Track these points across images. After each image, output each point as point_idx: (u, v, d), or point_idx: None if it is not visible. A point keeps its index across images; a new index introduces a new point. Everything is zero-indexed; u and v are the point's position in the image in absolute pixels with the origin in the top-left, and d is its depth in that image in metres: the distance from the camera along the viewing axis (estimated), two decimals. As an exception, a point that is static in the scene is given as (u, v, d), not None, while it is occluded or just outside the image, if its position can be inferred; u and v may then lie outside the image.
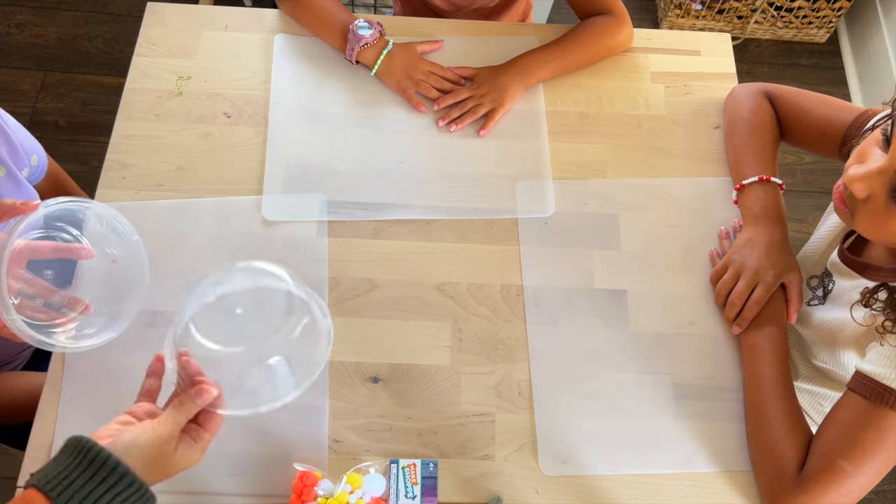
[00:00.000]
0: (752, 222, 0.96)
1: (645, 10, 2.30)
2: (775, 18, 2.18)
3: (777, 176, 0.98)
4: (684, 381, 0.92)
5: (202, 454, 0.67)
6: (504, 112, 1.08)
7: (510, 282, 0.97)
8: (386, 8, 2.04)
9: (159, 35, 1.12)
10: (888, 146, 0.70)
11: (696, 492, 0.86)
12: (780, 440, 0.83)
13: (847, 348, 0.87)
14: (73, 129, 1.97)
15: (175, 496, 0.83)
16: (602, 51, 1.13)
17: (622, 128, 1.10)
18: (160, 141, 1.04)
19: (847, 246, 0.89)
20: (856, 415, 0.78)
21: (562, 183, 1.04)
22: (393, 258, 0.98)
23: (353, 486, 0.81)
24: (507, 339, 0.94)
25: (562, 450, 0.87)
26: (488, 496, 0.85)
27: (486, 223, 1.01)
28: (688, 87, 1.14)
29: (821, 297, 0.94)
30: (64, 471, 0.59)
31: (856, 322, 0.84)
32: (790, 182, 2.04)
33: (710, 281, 0.98)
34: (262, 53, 1.12)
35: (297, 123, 1.06)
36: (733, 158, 1.03)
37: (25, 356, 1.11)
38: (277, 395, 0.71)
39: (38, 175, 1.05)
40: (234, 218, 0.99)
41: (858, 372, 0.80)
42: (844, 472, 0.76)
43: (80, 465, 0.59)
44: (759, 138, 1.01)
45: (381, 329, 0.93)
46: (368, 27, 1.08)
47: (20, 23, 2.11)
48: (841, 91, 2.19)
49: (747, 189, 0.98)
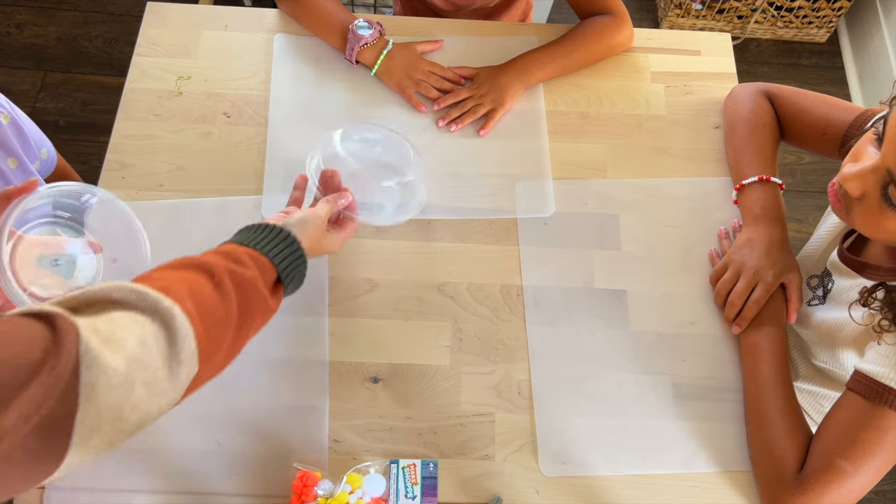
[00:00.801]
0: (751, 222, 0.96)
1: (645, 10, 2.30)
2: (775, 18, 2.18)
3: (777, 176, 0.98)
4: (684, 381, 0.92)
5: (339, 246, 0.85)
6: (504, 112, 1.08)
7: (510, 282, 0.97)
8: (386, 8, 2.04)
9: (159, 35, 1.12)
10: (882, 145, 0.70)
11: (696, 492, 0.86)
12: (780, 440, 0.83)
13: (846, 348, 0.87)
14: (73, 129, 1.97)
15: (175, 496, 0.83)
16: (602, 51, 1.13)
17: (622, 128, 1.10)
18: (160, 141, 1.04)
19: (847, 246, 0.89)
20: (855, 414, 0.78)
21: (562, 183, 1.04)
22: (393, 258, 0.98)
23: (353, 486, 0.81)
24: (507, 339, 0.94)
25: (562, 450, 0.87)
26: (488, 496, 0.85)
27: (486, 223, 1.01)
28: (688, 87, 1.14)
29: (821, 296, 0.94)
30: (251, 234, 0.73)
31: (854, 321, 0.84)
32: (790, 182, 2.04)
33: (710, 281, 0.98)
34: (262, 53, 1.12)
35: (297, 123, 1.06)
36: (733, 158, 1.03)
37: None
38: (392, 217, 0.94)
39: (48, 169, 1.06)
40: (234, 218, 0.99)
41: (857, 371, 0.80)
42: (844, 472, 0.76)
43: (262, 231, 0.73)
44: (759, 138, 1.01)
45: (381, 329, 0.93)
46: (368, 27, 1.08)
47: (20, 23, 2.11)
48: (841, 91, 2.19)
49: (747, 189, 0.98)
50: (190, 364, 0.57)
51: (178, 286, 0.59)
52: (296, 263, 0.74)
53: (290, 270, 0.73)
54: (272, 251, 0.71)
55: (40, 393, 0.46)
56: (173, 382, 0.56)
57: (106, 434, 0.51)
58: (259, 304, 0.67)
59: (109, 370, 0.50)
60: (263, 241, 0.72)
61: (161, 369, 0.54)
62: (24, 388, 0.45)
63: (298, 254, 0.74)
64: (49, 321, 0.49)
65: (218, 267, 0.64)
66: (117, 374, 0.50)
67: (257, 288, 0.67)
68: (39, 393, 0.46)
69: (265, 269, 0.69)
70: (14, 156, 0.93)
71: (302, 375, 0.90)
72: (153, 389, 0.53)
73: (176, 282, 0.59)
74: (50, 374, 0.47)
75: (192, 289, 0.60)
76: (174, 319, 0.56)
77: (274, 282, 0.71)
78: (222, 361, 0.64)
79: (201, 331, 0.58)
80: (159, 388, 0.54)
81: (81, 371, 0.48)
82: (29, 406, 0.45)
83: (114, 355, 0.51)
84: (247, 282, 0.66)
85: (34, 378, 0.46)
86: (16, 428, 0.45)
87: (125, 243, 0.83)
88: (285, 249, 0.73)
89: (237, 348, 0.66)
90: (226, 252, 0.68)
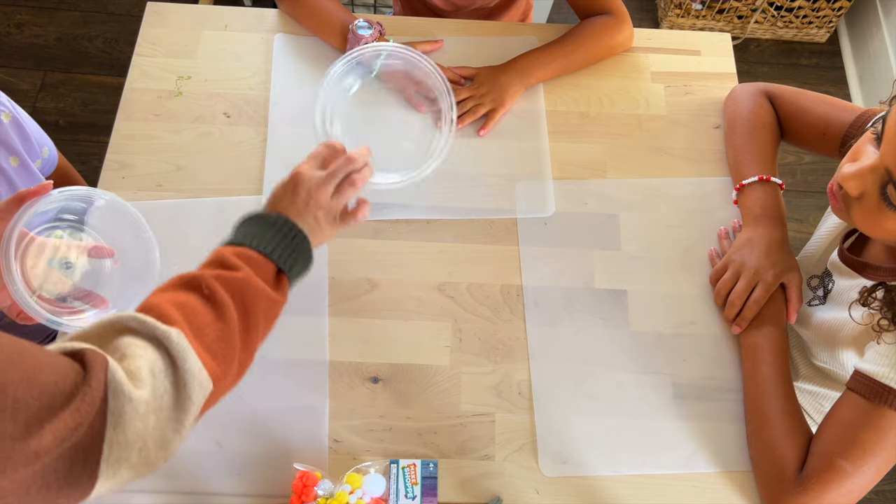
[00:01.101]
0: (751, 222, 0.96)
1: (645, 10, 2.30)
2: (775, 18, 2.18)
3: (777, 176, 0.98)
4: (684, 381, 0.92)
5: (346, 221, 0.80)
6: (504, 112, 1.08)
7: (510, 282, 0.97)
8: (386, 8, 2.04)
9: (159, 35, 1.12)
10: (881, 144, 0.71)
11: (696, 492, 0.86)
12: (780, 440, 0.83)
13: (846, 348, 0.87)
14: (73, 128, 1.97)
15: (175, 496, 0.83)
16: (602, 51, 1.13)
17: (622, 128, 1.10)
18: (160, 141, 1.04)
19: (847, 246, 0.89)
20: (855, 414, 0.78)
21: (562, 183, 1.04)
22: (393, 258, 0.98)
23: (353, 486, 0.81)
24: (507, 339, 0.94)
25: (562, 450, 0.87)
26: (488, 496, 0.85)
27: (486, 223, 1.01)
28: (688, 86, 1.14)
29: (821, 296, 0.94)
30: (240, 231, 0.72)
31: (854, 321, 0.84)
32: (790, 182, 2.04)
33: (710, 281, 0.98)
34: (262, 53, 1.12)
35: (297, 123, 1.06)
36: (733, 158, 1.03)
37: None
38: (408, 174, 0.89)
39: (50, 167, 1.06)
40: (234, 218, 0.98)
41: (857, 371, 0.80)
42: (844, 472, 0.76)
43: (249, 224, 0.72)
44: (759, 138, 1.01)
45: (381, 329, 0.93)
46: (368, 27, 1.08)
47: (20, 23, 2.11)
48: (841, 91, 2.19)
49: (747, 189, 0.98)
50: (197, 385, 0.57)
51: (171, 309, 0.59)
52: (292, 246, 0.71)
53: (287, 255, 0.70)
54: (262, 241, 0.69)
55: (74, 418, 0.49)
56: (180, 409, 0.57)
57: (133, 461, 0.53)
58: (261, 302, 0.66)
59: (134, 399, 0.52)
60: (251, 234, 0.70)
61: (168, 395, 0.56)
62: (61, 411, 0.48)
63: (293, 234, 0.71)
64: (78, 356, 0.52)
65: (205, 279, 0.63)
66: (142, 403, 0.53)
67: (252, 286, 0.65)
68: (73, 418, 0.49)
69: (258, 264, 0.67)
70: (16, 154, 0.93)
71: (302, 375, 0.90)
72: (162, 417, 0.55)
73: (168, 305, 0.60)
74: (83, 401, 0.50)
75: (185, 310, 0.60)
76: (172, 344, 0.57)
77: (276, 272, 0.69)
78: (238, 369, 0.64)
79: (201, 348, 0.59)
80: (167, 414, 0.56)
81: (109, 399, 0.51)
82: (64, 429, 0.48)
83: (136, 385, 0.53)
84: (239, 283, 0.65)
85: (69, 403, 0.49)
86: (50, 449, 0.47)
87: (133, 248, 0.84)
88: (276, 236, 0.70)
89: (250, 351, 0.66)
90: (213, 260, 0.67)
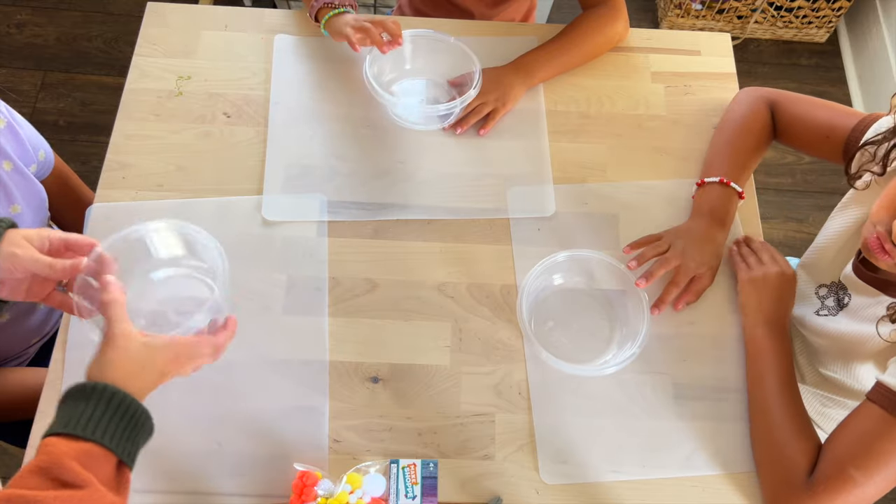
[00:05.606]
0: (696, 216, 0.99)
1: (645, 10, 2.30)
2: (775, 18, 2.18)
3: (742, 184, 0.99)
4: (684, 381, 0.92)
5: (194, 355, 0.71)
6: (505, 112, 1.08)
7: (510, 282, 0.97)
8: (386, 8, 2.04)
9: (159, 35, 1.12)
10: None
11: (696, 492, 0.86)
12: (789, 443, 0.83)
13: (864, 361, 0.87)
14: (73, 129, 1.97)
15: (175, 496, 0.83)
16: (601, 43, 1.13)
17: (622, 128, 1.10)
18: (160, 141, 1.04)
19: (861, 259, 0.89)
20: (873, 425, 0.77)
21: (561, 183, 1.04)
22: (393, 258, 0.98)
23: (353, 486, 0.81)
24: (507, 339, 0.94)
25: (561, 451, 0.87)
26: (488, 496, 0.85)
27: (487, 223, 1.01)
28: (688, 87, 1.14)
29: (832, 307, 0.93)
30: (63, 416, 0.62)
31: (881, 337, 0.84)
32: (790, 182, 2.04)
33: (636, 242, 0.97)
34: (262, 53, 1.12)
35: (297, 123, 1.06)
36: (708, 156, 1.05)
37: (32, 352, 1.11)
38: None
39: (45, 171, 1.06)
40: (234, 218, 0.99)
41: (880, 383, 0.79)
42: (855, 482, 0.76)
43: (72, 409, 0.62)
44: (740, 143, 1.02)
45: (381, 329, 0.93)
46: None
47: (20, 23, 2.11)
48: (841, 91, 2.19)
49: (707, 187, 1.00)
50: None
51: None
52: (136, 429, 0.64)
53: (130, 444, 0.63)
54: (100, 428, 0.61)
55: None
56: None
57: None
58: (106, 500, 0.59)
59: None
60: (87, 417, 0.61)
61: None
62: None
63: (136, 413, 0.64)
64: None
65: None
66: None
67: (95, 497, 0.58)
68: None
69: (99, 462, 0.60)
70: (8, 159, 0.93)
71: (302, 375, 0.90)
72: None
73: None
74: None
75: None
76: None
77: (117, 464, 0.62)
78: None
79: None
80: None
81: None
82: None
83: None
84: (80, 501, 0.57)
85: None
86: None
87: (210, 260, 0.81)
88: (114, 417, 0.62)
89: None
90: (51, 465, 0.59)
